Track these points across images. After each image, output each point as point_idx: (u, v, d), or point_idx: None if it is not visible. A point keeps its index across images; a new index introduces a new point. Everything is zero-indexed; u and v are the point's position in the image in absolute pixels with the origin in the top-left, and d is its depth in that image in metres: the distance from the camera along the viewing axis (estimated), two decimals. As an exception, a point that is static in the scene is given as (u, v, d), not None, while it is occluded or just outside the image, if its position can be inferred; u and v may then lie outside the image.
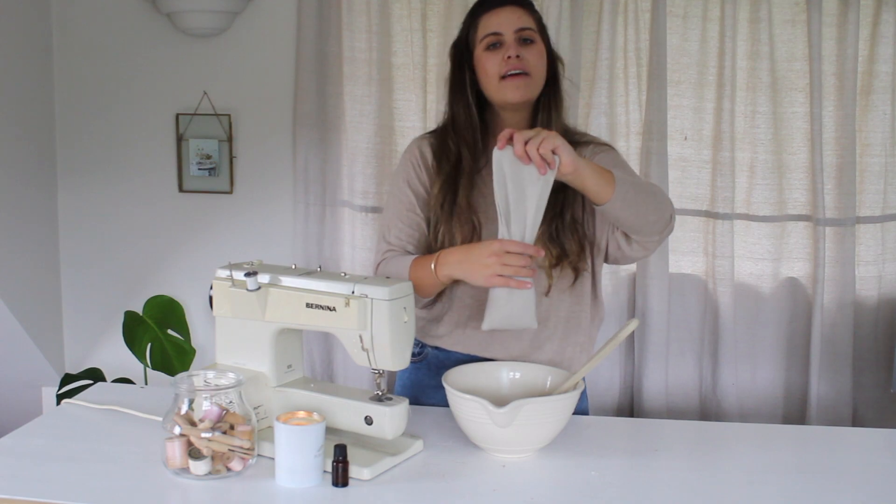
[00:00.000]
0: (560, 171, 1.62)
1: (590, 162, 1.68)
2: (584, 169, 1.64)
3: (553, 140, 1.60)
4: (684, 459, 1.67)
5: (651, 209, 1.76)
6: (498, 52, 1.83)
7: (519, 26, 1.83)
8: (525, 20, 1.85)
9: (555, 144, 1.60)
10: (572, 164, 1.62)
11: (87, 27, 3.32)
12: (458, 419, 1.63)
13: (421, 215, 1.91)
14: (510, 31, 1.83)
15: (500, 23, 1.84)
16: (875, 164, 3.02)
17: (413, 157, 1.94)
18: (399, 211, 1.92)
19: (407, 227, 1.90)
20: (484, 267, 1.67)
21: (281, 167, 3.29)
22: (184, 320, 3.10)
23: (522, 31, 1.83)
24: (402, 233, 1.90)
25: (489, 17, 1.85)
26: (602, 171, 1.68)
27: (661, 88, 3.00)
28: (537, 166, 1.61)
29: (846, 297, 3.02)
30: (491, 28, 1.84)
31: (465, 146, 1.89)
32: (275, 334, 1.63)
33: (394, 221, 1.92)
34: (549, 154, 1.60)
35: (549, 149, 1.60)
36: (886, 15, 2.93)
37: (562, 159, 1.61)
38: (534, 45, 1.84)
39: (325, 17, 3.13)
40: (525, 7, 1.87)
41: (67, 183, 3.40)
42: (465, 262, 1.72)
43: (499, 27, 1.83)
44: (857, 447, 1.74)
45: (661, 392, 3.11)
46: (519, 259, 1.65)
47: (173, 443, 1.49)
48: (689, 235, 3.12)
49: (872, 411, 3.10)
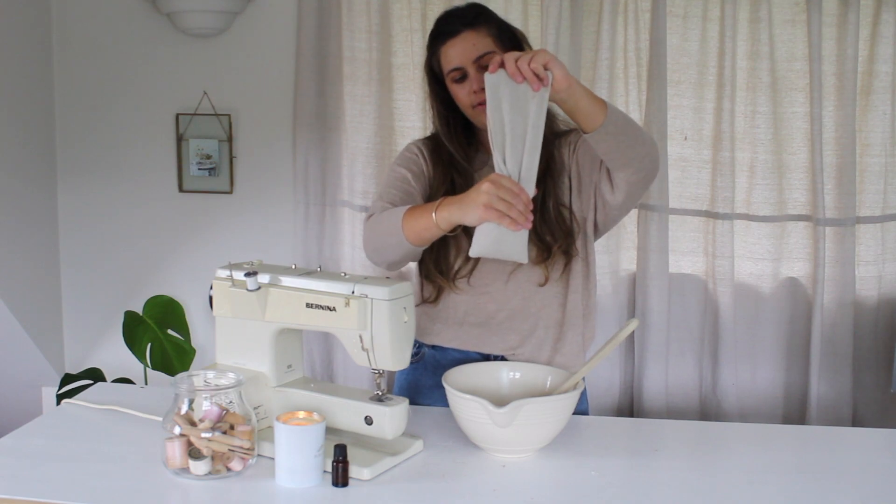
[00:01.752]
0: (554, 88, 1.60)
1: (581, 85, 1.66)
2: (577, 86, 1.62)
3: (544, 55, 1.59)
4: (684, 459, 1.67)
5: (639, 141, 1.74)
6: (464, 84, 1.84)
7: (475, 55, 1.82)
8: (480, 44, 1.83)
9: (546, 59, 1.58)
10: (566, 80, 1.59)
11: (87, 27, 3.32)
12: (458, 419, 1.63)
13: (415, 188, 1.90)
14: (469, 63, 1.83)
15: (457, 56, 1.83)
16: (875, 164, 3.02)
17: (411, 150, 1.97)
18: (393, 182, 1.92)
19: (400, 193, 1.89)
20: (478, 195, 1.61)
21: (281, 167, 3.29)
22: (184, 320, 3.10)
23: (480, 59, 1.82)
24: (395, 197, 1.88)
25: (447, 50, 1.85)
26: (594, 95, 1.67)
27: (661, 88, 3.00)
28: (531, 82, 1.58)
29: (846, 297, 3.02)
30: (452, 63, 1.84)
31: (457, 152, 1.91)
32: (275, 334, 1.63)
33: (387, 189, 1.91)
34: (541, 69, 1.58)
35: (540, 63, 1.58)
36: (886, 15, 2.93)
37: (554, 74, 1.58)
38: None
39: (325, 17, 3.13)
40: (477, 27, 1.84)
41: (67, 183, 3.40)
42: (463, 199, 1.66)
43: (459, 61, 1.83)
44: (857, 447, 1.74)
45: (661, 392, 3.11)
46: (511, 195, 1.59)
47: (173, 443, 1.49)
48: (689, 235, 3.12)
49: (872, 411, 3.10)
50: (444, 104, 1.92)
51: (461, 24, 1.85)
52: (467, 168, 1.91)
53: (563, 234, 1.87)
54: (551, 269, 1.89)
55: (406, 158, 1.96)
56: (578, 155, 1.89)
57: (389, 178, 1.95)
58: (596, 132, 1.67)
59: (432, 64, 1.90)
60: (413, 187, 1.90)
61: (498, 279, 1.90)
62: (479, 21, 1.85)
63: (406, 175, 1.92)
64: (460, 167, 1.91)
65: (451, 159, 1.92)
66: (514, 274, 1.89)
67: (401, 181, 1.91)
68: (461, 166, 1.91)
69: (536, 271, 1.88)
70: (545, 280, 1.88)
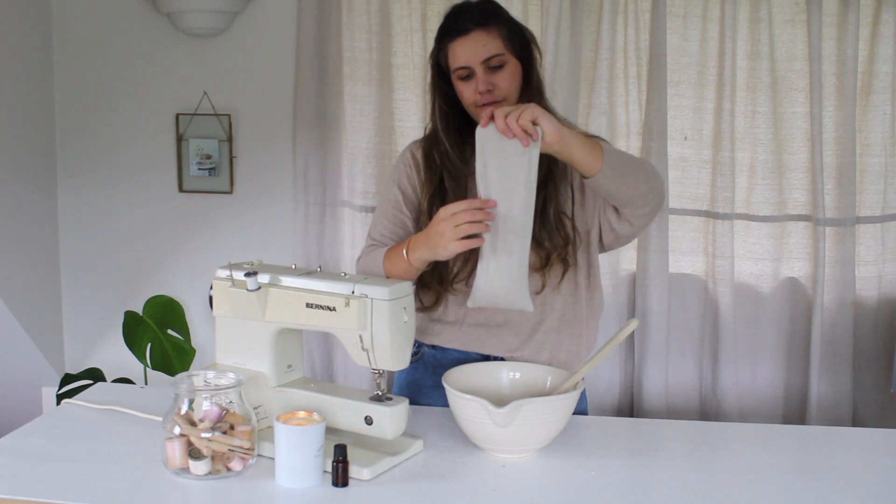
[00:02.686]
0: (545, 142, 1.60)
1: (576, 132, 1.66)
2: (570, 138, 1.62)
3: (532, 111, 1.58)
4: (684, 459, 1.67)
5: (641, 179, 1.74)
6: (470, 83, 1.83)
7: (485, 56, 1.80)
8: (490, 45, 1.80)
9: (534, 115, 1.58)
10: (557, 133, 1.60)
11: (87, 27, 3.32)
12: (458, 419, 1.63)
13: (407, 214, 1.92)
14: (477, 63, 1.81)
15: (466, 56, 1.81)
16: (875, 164, 3.02)
17: (405, 161, 1.96)
18: (385, 209, 1.94)
19: (391, 223, 1.91)
20: (440, 236, 1.63)
21: (281, 167, 3.29)
22: (184, 320, 3.10)
23: (489, 61, 1.81)
24: (385, 229, 1.91)
25: (456, 48, 1.83)
26: (589, 140, 1.67)
27: (661, 88, 3.00)
28: (520, 138, 1.59)
29: (846, 297, 3.02)
30: (459, 61, 1.82)
31: (447, 154, 1.89)
32: (275, 334, 1.63)
33: (379, 219, 1.94)
34: (530, 125, 1.58)
35: (528, 119, 1.58)
36: (886, 15, 2.93)
37: (544, 128, 1.59)
38: (503, 69, 1.82)
39: (325, 17, 3.13)
40: (489, 27, 1.82)
41: (67, 183, 3.40)
42: (427, 239, 1.68)
43: (466, 60, 1.81)
44: (857, 447, 1.74)
45: (661, 392, 3.11)
46: (469, 214, 1.60)
47: (173, 443, 1.49)
48: (689, 235, 3.12)
49: (872, 411, 3.10)
50: (445, 99, 1.90)
51: (472, 22, 1.82)
52: (461, 169, 1.89)
53: (562, 242, 1.86)
54: (548, 276, 1.87)
55: (399, 170, 1.95)
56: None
57: (383, 201, 1.96)
58: (595, 177, 1.68)
59: (439, 58, 1.89)
60: (405, 214, 1.91)
61: None
62: (491, 21, 1.83)
63: (398, 198, 1.92)
64: (453, 169, 1.89)
65: (444, 160, 1.89)
66: None
67: (393, 207, 1.92)
68: (454, 167, 1.89)
69: (534, 278, 1.86)
70: (542, 287, 1.87)
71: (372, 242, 1.92)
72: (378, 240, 1.91)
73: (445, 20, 1.88)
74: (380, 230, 1.92)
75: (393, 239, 1.90)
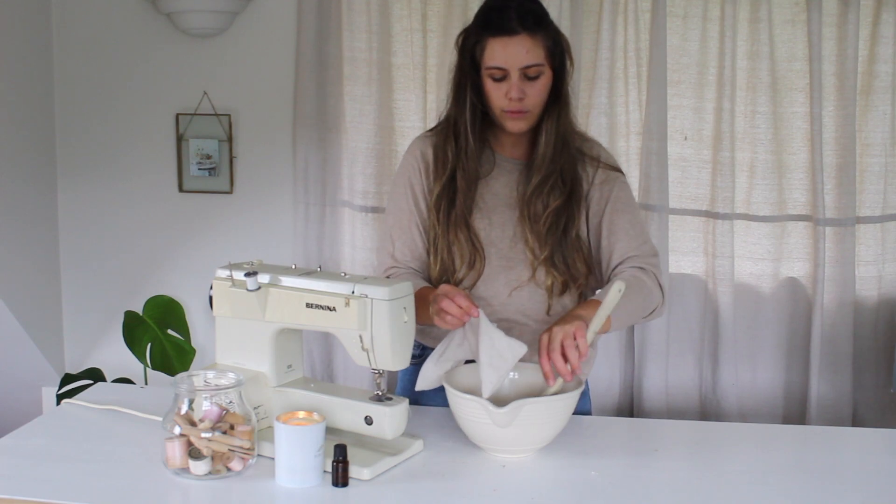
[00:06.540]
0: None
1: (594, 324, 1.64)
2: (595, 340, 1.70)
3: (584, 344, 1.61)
4: (684, 459, 1.68)
5: (639, 315, 1.83)
6: (502, 85, 1.76)
7: (525, 63, 1.73)
8: (533, 54, 1.73)
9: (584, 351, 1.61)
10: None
11: (87, 27, 3.32)
12: (458, 419, 1.63)
13: (420, 232, 1.89)
14: (515, 69, 1.73)
15: (506, 57, 1.73)
16: (875, 164, 3.02)
17: (415, 160, 1.91)
18: (401, 221, 1.90)
19: (410, 241, 1.89)
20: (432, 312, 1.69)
21: (281, 167, 3.29)
22: (184, 320, 3.10)
23: (529, 69, 1.74)
24: (405, 247, 1.88)
25: (496, 45, 1.74)
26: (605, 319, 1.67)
27: (661, 88, 2.99)
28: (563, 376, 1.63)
29: (846, 297, 3.02)
30: (496, 61, 1.74)
31: (465, 150, 1.84)
32: (275, 334, 1.63)
33: (397, 234, 1.89)
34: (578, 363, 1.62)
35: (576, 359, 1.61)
36: (886, 15, 2.93)
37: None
38: (538, 79, 1.76)
39: (325, 17, 3.13)
40: (536, 34, 1.74)
41: (67, 183, 3.40)
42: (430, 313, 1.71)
43: (504, 62, 1.73)
44: (857, 447, 1.74)
45: (661, 392, 3.10)
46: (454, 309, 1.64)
47: (173, 443, 1.49)
48: (689, 235, 3.12)
49: (872, 411, 3.10)
50: (476, 92, 1.80)
51: (521, 25, 1.73)
52: (475, 170, 1.85)
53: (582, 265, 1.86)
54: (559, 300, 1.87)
55: (411, 173, 1.90)
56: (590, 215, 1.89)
57: (396, 213, 1.91)
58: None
59: (475, 49, 1.78)
60: (419, 231, 1.89)
61: (501, 293, 1.87)
62: (539, 29, 1.75)
63: (412, 210, 1.89)
64: (468, 168, 1.84)
65: (461, 157, 1.84)
66: (519, 290, 1.86)
67: (409, 221, 1.89)
68: (470, 167, 1.84)
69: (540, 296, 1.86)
70: (548, 308, 1.87)
71: (395, 264, 1.88)
72: (400, 260, 1.88)
73: (489, 11, 1.78)
74: (399, 248, 1.88)
75: (414, 258, 1.88)
